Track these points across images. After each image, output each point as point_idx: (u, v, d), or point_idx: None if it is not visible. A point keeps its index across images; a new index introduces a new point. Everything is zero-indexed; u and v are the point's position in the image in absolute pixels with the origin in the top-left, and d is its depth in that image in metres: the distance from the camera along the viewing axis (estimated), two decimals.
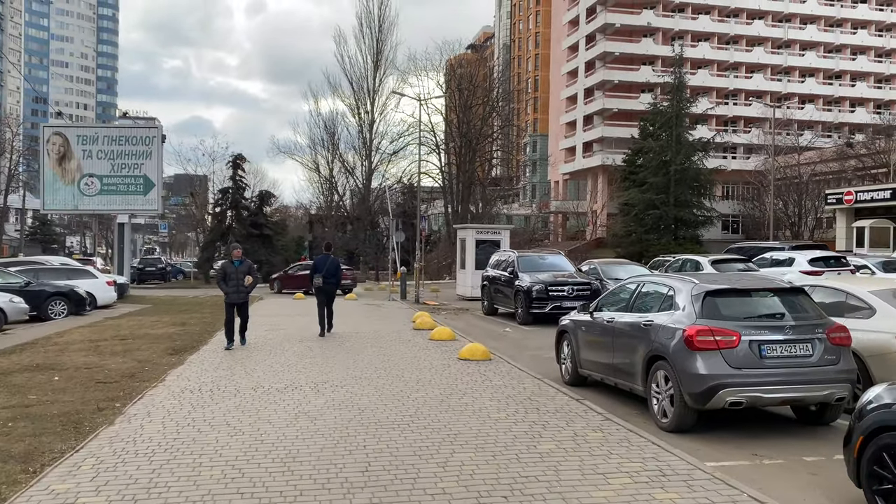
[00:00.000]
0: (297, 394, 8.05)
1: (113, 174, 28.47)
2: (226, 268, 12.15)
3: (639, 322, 7.50)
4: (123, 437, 6.24)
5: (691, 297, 6.98)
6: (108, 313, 20.04)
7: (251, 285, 11.98)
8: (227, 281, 11.90)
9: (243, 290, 11.91)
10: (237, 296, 11.89)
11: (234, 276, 11.86)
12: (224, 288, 11.95)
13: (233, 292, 11.86)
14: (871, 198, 32.69)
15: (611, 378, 8.13)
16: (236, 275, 11.86)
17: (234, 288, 11.86)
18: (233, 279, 11.85)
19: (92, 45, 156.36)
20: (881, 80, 65.28)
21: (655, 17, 61.72)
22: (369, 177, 48.13)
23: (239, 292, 11.87)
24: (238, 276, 11.85)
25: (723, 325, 6.60)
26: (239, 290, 11.85)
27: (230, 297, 11.88)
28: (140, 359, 10.84)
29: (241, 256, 12.19)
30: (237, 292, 11.87)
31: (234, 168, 43.83)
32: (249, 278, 11.92)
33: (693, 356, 6.59)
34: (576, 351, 8.99)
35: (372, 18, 48.12)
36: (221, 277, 12.11)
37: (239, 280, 11.83)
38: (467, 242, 25.47)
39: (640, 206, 45.86)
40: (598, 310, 8.70)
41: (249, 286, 11.94)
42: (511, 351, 12.34)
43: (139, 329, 15.28)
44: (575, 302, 16.44)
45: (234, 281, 11.83)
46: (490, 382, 8.64)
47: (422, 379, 8.85)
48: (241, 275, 11.87)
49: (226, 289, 11.91)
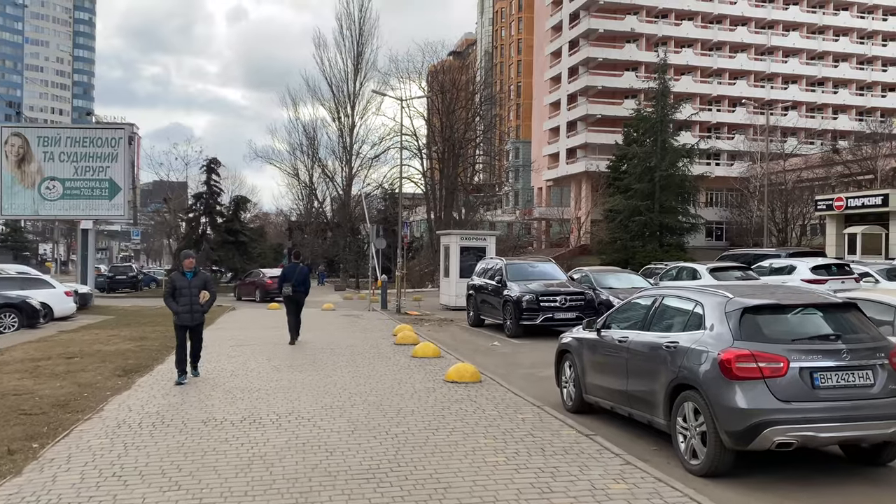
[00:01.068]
0: (254, 429, 6.79)
1: (76, 177, 26.88)
2: (175, 281, 9.66)
3: (659, 343, 6.36)
4: (25, 494, 4.96)
5: (725, 313, 5.85)
6: (64, 326, 18.57)
7: (208, 303, 9.60)
8: (178, 297, 9.51)
9: (198, 310, 9.55)
10: (190, 316, 9.53)
11: (187, 291, 9.49)
12: (173, 307, 9.51)
13: (184, 312, 9.49)
14: (863, 203, 32.06)
15: (623, 407, 6.97)
16: (189, 290, 9.49)
17: (187, 307, 9.48)
18: (185, 295, 9.48)
19: (68, 49, 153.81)
20: (863, 87, 65.38)
21: (639, 22, 61.27)
22: (350, 182, 46.80)
23: (193, 312, 9.51)
24: (191, 292, 9.49)
25: (766, 348, 5.48)
26: (193, 309, 9.49)
27: (181, 317, 9.50)
28: (82, 382, 9.49)
29: (195, 267, 9.75)
30: (190, 312, 9.51)
31: (209, 172, 42.30)
32: (206, 294, 9.54)
33: (731, 386, 5.46)
34: (580, 374, 7.83)
35: (352, 20, 46.87)
36: (170, 293, 9.62)
37: (192, 296, 9.47)
38: (451, 249, 24.31)
39: (625, 212, 45.15)
40: (607, 327, 7.55)
41: (205, 304, 9.58)
42: (502, 369, 11.17)
43: (92, 345, 13.88)
44: (568, 313, 15.40)
45: (186, 298, 9.47)
46: (483, 412, 7.44)
47: (403, 408, 7.63)
48: (195, 290, 9.51)
49: (176, 307, 9.48)
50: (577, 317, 15.34)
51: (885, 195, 31.09)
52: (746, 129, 58.90)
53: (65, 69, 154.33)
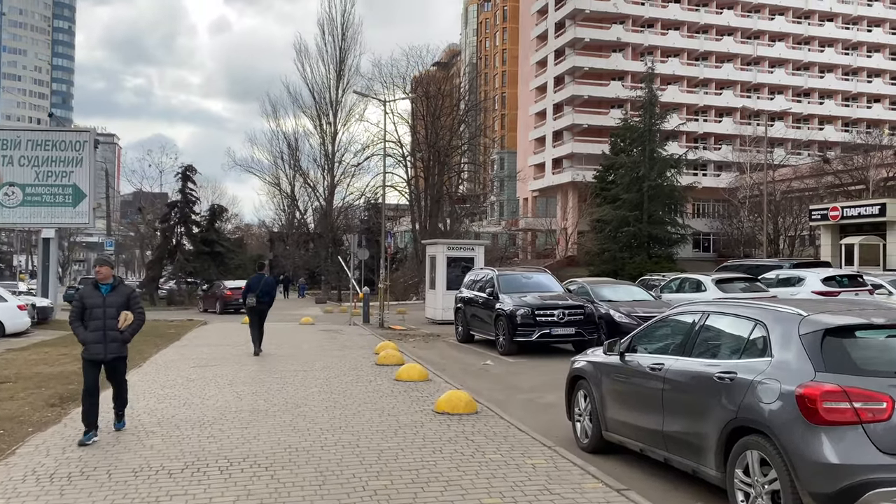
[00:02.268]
0: (196, 482, 5.36)
1: (38, 183, 25.17)
2: (85, 297, 6.71)
3: (709, 373, 5.05)
4: None
5: (799, 336, 4.56)
6: (14, 343, 16.95)
7: (130, 328, 6.66)
8: (88, 320, 6.61)
9: (115, 338, 6.61)
10: (103, 347, 6.58)
11: (100, 312, 6.58)
12: (80, 333, 6.62)
13: (95, 341, 6.56)
14: (859, 213, 31.21)
15: (658, 451, 5.65)
16: (103, 310, 6.58)
17: (99, 333, 6.55)
18: (96, 317, 6.57)
19: (46, 58, 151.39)
20: (849, 97, 65.24)
21: (625, 31, 60.69)
22: (332, 191, 45.30)
23: (107, 341, 6.58)
24: (106, 313, 6.57)
25: (862, 383, 4.19)
26: (107, 336, 6.57)
27: (91, 349, 6.59)
28: (2, 415, 7.99)
29: (113, 277, 6.79)
30: (103, 341, 6.56)
31: (184, 180, 40.62)
32: (127, 316, 6.61)
33: (816, 434, 4.16)
34: (598, 406, 6.50)
35: (335, 25, 45.51)
36: (77, 314, 6.66)
37: (108, 318, 6.57)
38: (437, 259, 22.97)
39: (613, 222, 44.24)
40: (632, 350, 6.24)
41: (127, 330, 6.65)
42: (498, 394, 9.82)
43: (34, 366, 12.33)
44: (566, 328, 14.10)
45: (98, 321, 6.56)
46: (483, 455, 6.07)
47: (385, 451, 6.23)
48: (113, 310, 6.59)
49: (84, 334, 6.60)
50: (576, 332, 14.10)
51: (882, 205, 30.26)
52: (733, 139, 58.38)
53: (43, 78, 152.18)
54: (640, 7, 61.50)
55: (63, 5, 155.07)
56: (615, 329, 14.75)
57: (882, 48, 65.86)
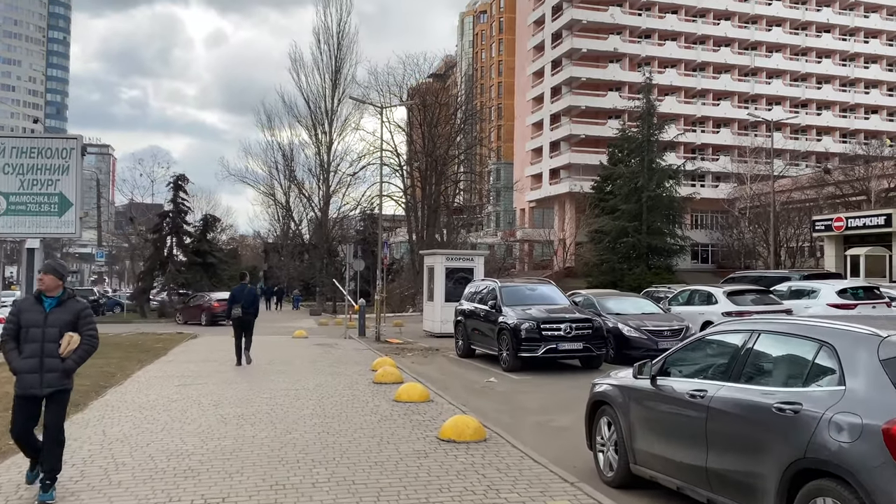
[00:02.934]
0: None
1: (22, 191, 24.21)
2: (22, 313, 5.30)
3: (765, 403, 4.32)
4: None
5: (881, 361, 3.85)
6: None
7: (76, 355, 5.24)
8: (24, 343, 5.24)
9: (55, 367, 5.19)
10: (39, 378, 5.18)
11: (38, 333, 5.22)
12: (13, 360, 5.24)
13: (29, 371, 5.18)
14: (864, 224, 30.65)
15: (700, 490, 4.90)
16: (42, 331, 5.23)
17: (35, 360, 5.18)
18: (33, 339, 5.21)
19: (41, 68, 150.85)
20: (846, 109, 65.05)
21: (622, 42, 60.44)
22: (327, 201, 44.55)
23: (44, 371, 5.18)
24: (45, 335, 5.22)
25: None
26: (44, 365, 5.18)
27: (23, 380, 5.20)
28: None
29: (62, 289, 5.41)
30: (39, 371, 5.17)
31: (176, 189, 39.74)
32: (73, 338, 5.22)
33: None
34: (625, 436, 5.76)
35: (330, 34, 44.87)
36: (12, 333, 5.28)
37: (47, 341, 5.21)
38: (436, 270, 22.24)
39: (612, 233, 43.70)
40: (665, 372, 5.52)
41: (72, 357, 5.23)
42: (506, 416, 9.07)
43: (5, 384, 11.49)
44: (574, 343, 13.36)
45: (35, 344, 5.20)
46: (497, 494, 5.31)
47: (385, 490, 5.47)
48: (54, 330, 5.24)
49: (16, 362, 5.21)
50: (583, 347, 13.37)
51: (888, 215, 29.71)
52: (731, 150, 58.03)
53: (38, 88, 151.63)
54: (637, 18, 61.32)
55: (58, 16, 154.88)
56: (624, 344, 14.08)
57: (879, 59, 65.83)
